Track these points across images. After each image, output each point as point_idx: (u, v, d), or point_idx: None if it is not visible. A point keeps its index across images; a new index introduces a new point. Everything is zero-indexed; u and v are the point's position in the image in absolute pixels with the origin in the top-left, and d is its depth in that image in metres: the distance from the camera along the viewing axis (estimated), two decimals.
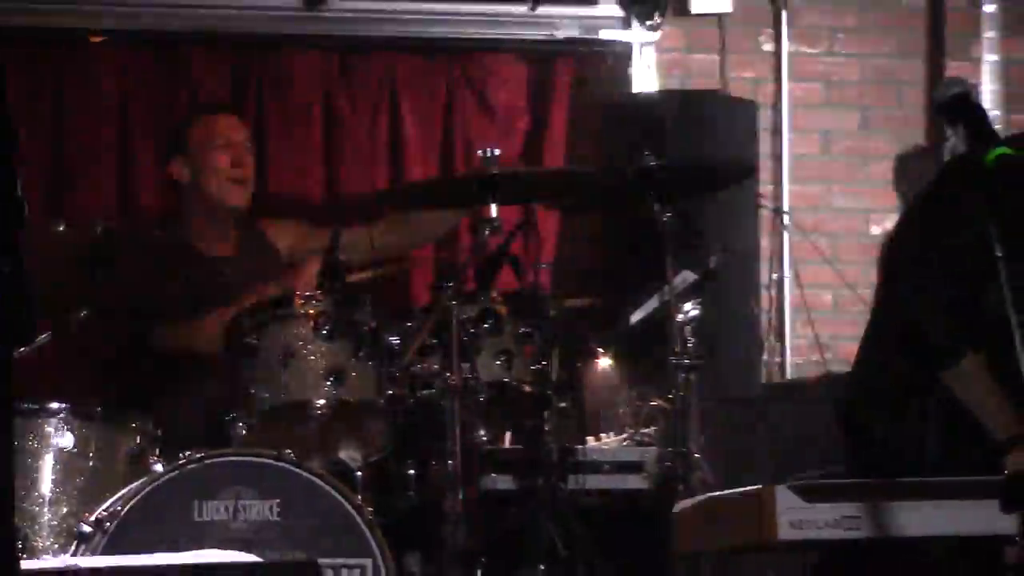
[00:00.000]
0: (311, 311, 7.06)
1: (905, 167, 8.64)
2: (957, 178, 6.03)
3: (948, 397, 5.99)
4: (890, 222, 8.55)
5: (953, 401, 5.94)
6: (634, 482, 7.78)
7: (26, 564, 5.84)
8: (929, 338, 6.07)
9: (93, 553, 6.35)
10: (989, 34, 9.10)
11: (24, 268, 3.51)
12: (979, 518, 5.16)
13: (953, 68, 8.32)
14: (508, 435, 7.55)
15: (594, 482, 7.68)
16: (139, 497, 6.47)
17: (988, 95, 8.15)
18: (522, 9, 9.03)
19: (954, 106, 5.24)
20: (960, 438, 5.99)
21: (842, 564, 5.85)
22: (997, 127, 5.92)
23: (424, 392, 7.18)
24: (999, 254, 4.97)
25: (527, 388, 7.29)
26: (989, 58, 8.93)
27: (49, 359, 7.28)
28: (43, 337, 7.01)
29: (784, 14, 9.32)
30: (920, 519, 5.53)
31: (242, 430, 7.01)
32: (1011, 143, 5.20)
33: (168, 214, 7.88)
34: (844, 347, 8.48)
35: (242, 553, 5.74)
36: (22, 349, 4.01)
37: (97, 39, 8.64)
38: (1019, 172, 5.36)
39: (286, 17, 8.86)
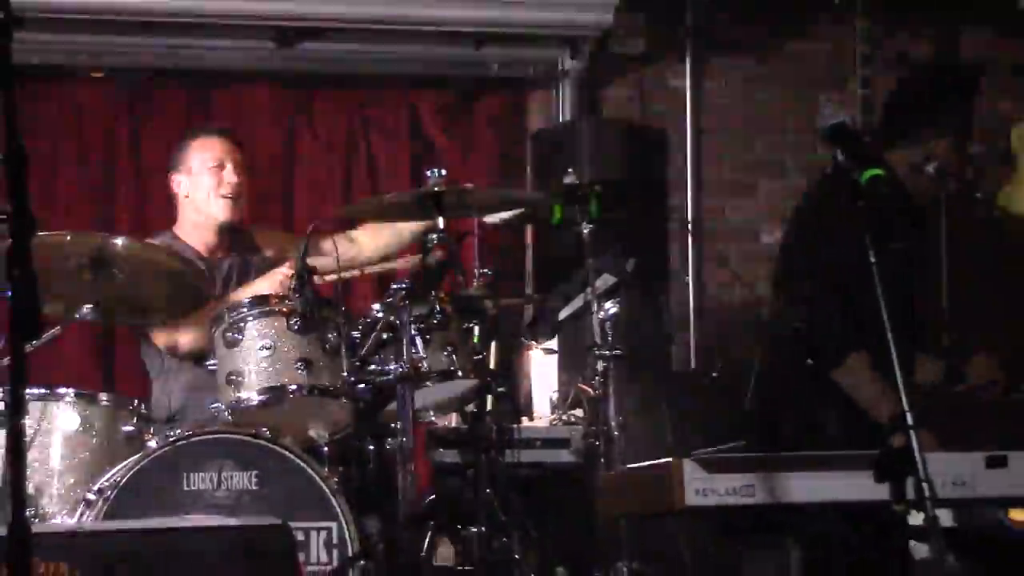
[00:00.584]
0: (285, 309, 7.09)
1: (790, 185, 8.71)
2: (836, 195, 6.12)
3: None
4: (778, 232, 8.59)
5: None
6: (562, 456, 7.86)
7: (37, 527, 5.88)
8: (818, 342, 6.17)
9: (95, 518, 6.37)
10: (863, 72, 9.21)
11: (35, 276, 3.55)
12: (857, 487, 5.23)
13: (832, 100, 8.40)
14: (453, 416, 7.58)
15: (528, 456, 7.74)
16: (135, 470, 6.48)
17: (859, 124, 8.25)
18: (468, 51, 9.09)
19: (835, 133, 5.33)
20: (854, 421, 6.09)
21: (740, 526, 5.92)
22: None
23: (381, 379, 7.22)
24: (873, 260, 5.07)
25: (469, 375, 7.36)
26: (861, 92, 9.03)
27: (58, 351, 7.28)
28: (52, 332, 7.07)
29: (688, 58, 9.41)
30: (806, 487, 5.61)
31: (225, 411, 7.08)
32: (882, 165, 5.31)
33: (171, 222, 7.87)
34: (742, 338, 8.54)
35: (224, 517, 5.78)
36: (33, 343, 4.05)
37: (99, 75, 8.65)
38: (889, 190, 5.46)
39: (261, 56, 8.89)
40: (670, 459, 5.74)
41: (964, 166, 6.56)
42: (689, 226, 9.36)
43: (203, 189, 7.77)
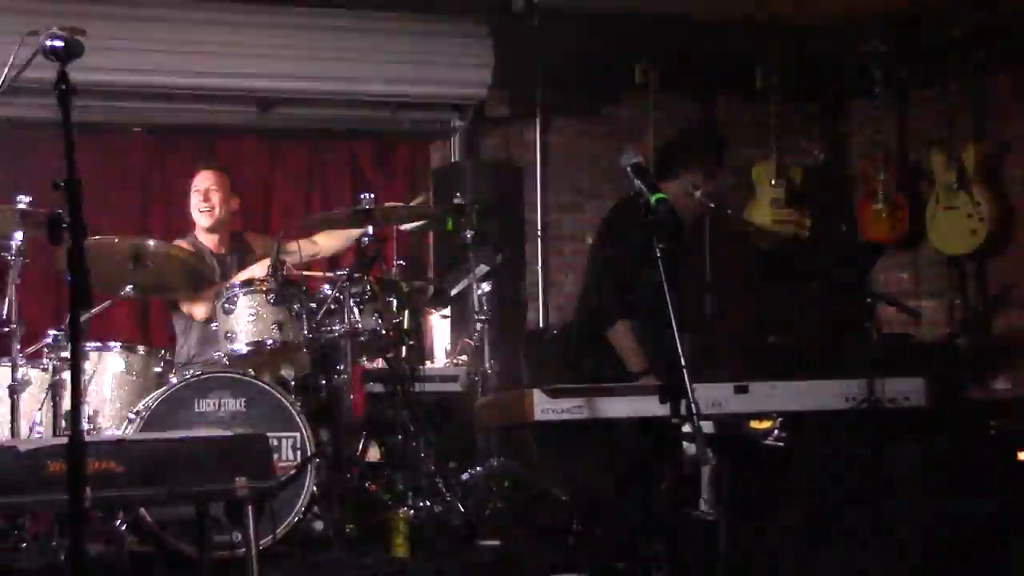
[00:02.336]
0: (265, 288, 7.06)
1: (605, 205, 8.68)
2: (630, 212, 6.12)
3: None
4: None
5: None
6: (453, 387, 7.83)
7: (94, 437, 5.82)
8: (599, 309, 6.17)
9: (135, 431, 6.31)
10: (654, 127, 9.23)
11: (87, 266, 3.59)
12: (648, 407, 5.23)
13: (632, 147, 8.42)
14: (379, 360, 7.54)
15: (429, 387, 7.70)
16: (162, 398, 6.44)
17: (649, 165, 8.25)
18: (390, 114, 9.10)
19: (633, 169, 5.33)
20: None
21: (574, 434, 5.91)
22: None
23: (330, 335, 7.19)
24: (659, 255, 5.07)
25: (390, 333, 7.31)
26: (653, 142, 9.04)
27: (107, 317, 7.21)
28: (103, 305, 7.01)
29: (538, 120, 9.40)
30: (615, 407, 5.63)
31: (223, 358, 7.04)
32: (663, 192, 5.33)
33: (191, 228, 7.83)
34: (571, 308, 8.52)
35: (222, 430, 5.74)
36: (87, 313, 4.02)
37: (137, 129, 8.58)
38: (671, 212, 5.45)
39: (248, 117, 8.84)
40: (524, 389, 5.76)
41: (720, 193, 6.57)
42: (539, 232, 9.35)
43: (194, 206, 7.79)
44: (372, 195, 7.30)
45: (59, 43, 3.76)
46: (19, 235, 6.52)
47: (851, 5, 9.08)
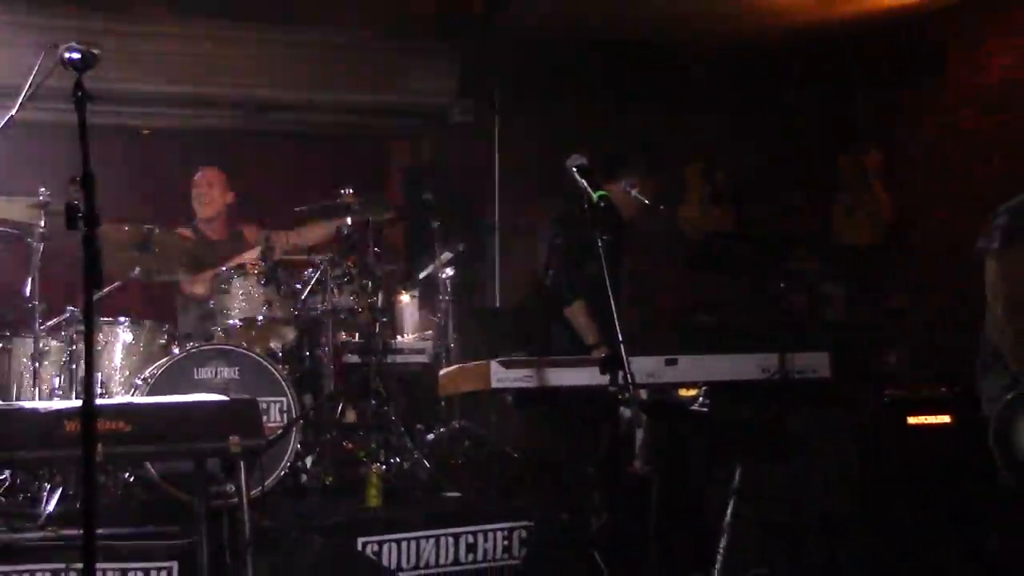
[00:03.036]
0: (256, 271, 7.07)
1: (536, 200, 8.70)
2: (580, 206, 6.13)
3: None
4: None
5: None
6: (420, 359, 7.83)
7: (106, 401, 5.81)
8: (557, 290, 6.18)
9: (141, 395, 6.31)
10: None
11: (100, 250, 3.59)
12: (590, 376, 5.24)
13: (579, 152, 8.40)
14: (356, 335, 7.53)
15: (400, 359, 7.73)
16: (165, 366, 6.44)
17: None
18: (369, 120, 9.13)
19: (579, 169, 5.35)
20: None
21: (525, 400, 5.93)
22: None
23: (313, 312, 7.18)
24: (600, 245, 5.08)
25: (366, 311, 7.30)
26: (596, 148, 9.06)
27: (117, 295, 7.19)
28: (113, 285, 6.99)
29: (496, 125, 9.40)
30: (561, 376, 5.65)
31: (219, 332, 7.03)
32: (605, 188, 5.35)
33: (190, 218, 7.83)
34: (525, 289, 8.52)
35: (218, 396, 5.72)
36: (101, 292, 4.01)
37: (147, 132, 8.55)
38: (611, 207, 5.47)
39: (244, 120, 8.81)
40: (483, 360, 5.76)
41: (656, 193, 6.59)
42: (496, 225, 9.35)
43: (195, 199, 7.87)
44: (351, 190, 7.31)
45: (76, 55, 3.77)
46: (41, 223, 6.56)
47: (779, 35, 9.13)
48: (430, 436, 7.39)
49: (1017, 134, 5.92)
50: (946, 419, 6.98)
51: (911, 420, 7.12)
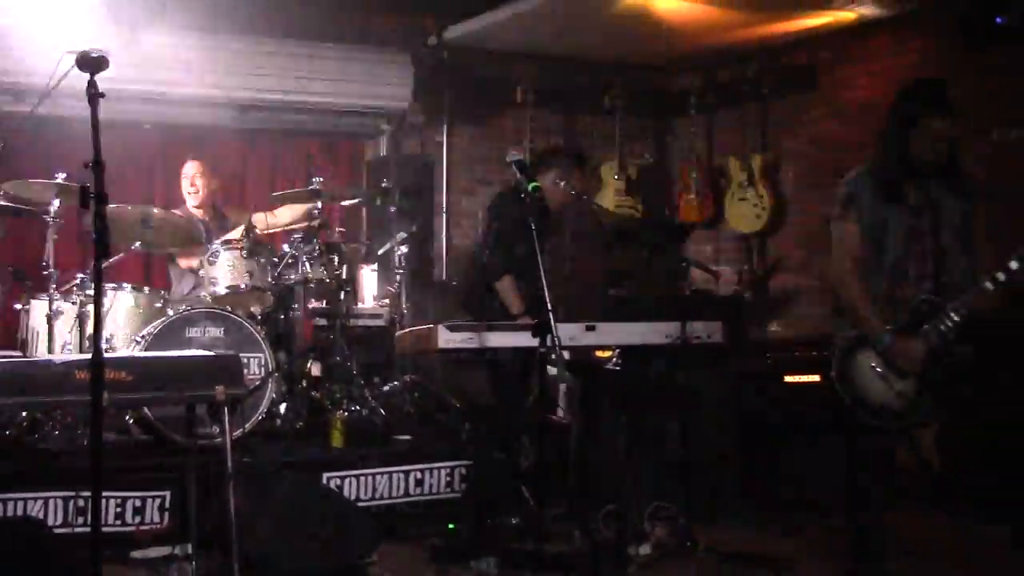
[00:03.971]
0: (240, 247, 6.99)
1: (493, 191, 8.64)
2: (513, 195, 6.12)
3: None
4: None
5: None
6: (378, 322, 7.77)
7: (110, 355, 5.74)
8: (490, 266, 6.16)
9: (140, 351, 6.25)
10: (530, 134, 9.22)
11: (107, 226, 3.57)
12: (523, 339, 5.21)
13: (515, 148, 8.37)
14: (324, 301, 7.48)
15: (360, 322, 7.67)
16: (161, 326, 6.39)
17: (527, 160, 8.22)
18: (336, 119, 9.02)
19: (515, 163, 5.32)
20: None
21: (470, 359, 5.91)
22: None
23: (287, 282, 7.12)
24: (532, 228, 5.07)
25: (332, 282, 7.25)
26: (528, 144, 9.05)
27: (121, 264, 7.11)
28: (118, 256, 6.90)
29: (445, 126, 9.35)
30: (498, 339, 5.64)
31: (207, 297, 6.95)
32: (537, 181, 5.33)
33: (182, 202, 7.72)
34: (467, 265, 8.49)
35: (205, 352, 5.67)
36: (108, 262, 3.94)
37: (147, 126, 8.43)
38: (542, 197, 5.46)
39: (230, 117, 8.71)
40: (431, 324, 5.74)
41: (579, 182, 6.57)
42: (444, 210, 9.32)
43: (184, 189, 7.75)
44: (321, 179, 7.26)
45: (90, 59, 3.71)
46: (57, 202, 6.51)
47: (673, 51, 9.16)
48: (385, 388, 7.36)
49: (874, 143, 6.04)
50: (816, 378, 7.04)
51: (788, 378, 7.19)
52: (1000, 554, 4.67)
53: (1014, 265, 4.46)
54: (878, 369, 4.72)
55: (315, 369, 7.27)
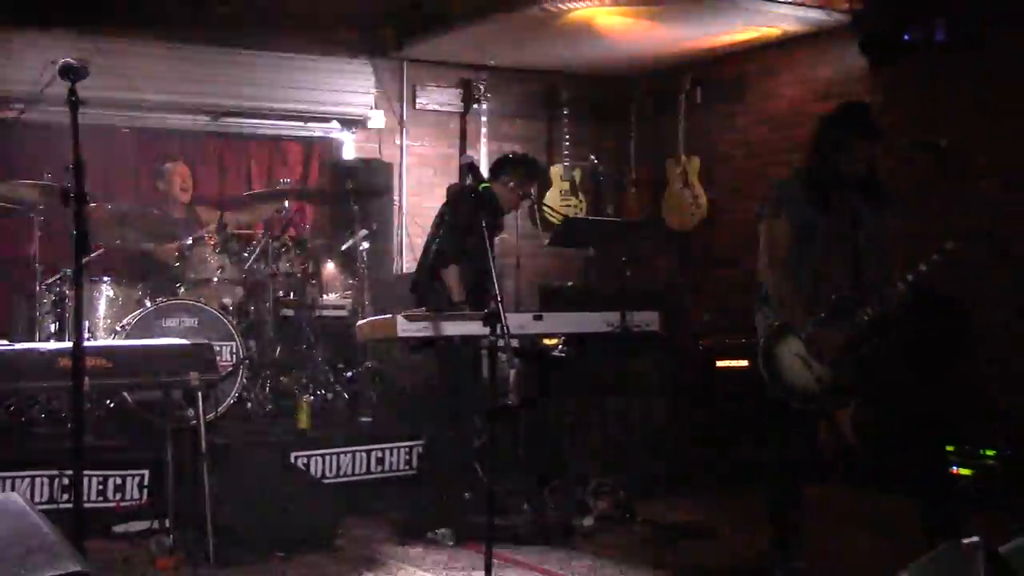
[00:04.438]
0: (212, 242, 6.96)
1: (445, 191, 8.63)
2: (465, 195, 6.12)
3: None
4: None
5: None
6: (341, 313, 7.69)
7: (91, 343, 5.70)
8: (439, 255, 6.14)
9: (120, 339, 6.21)
10: (484, 138, 9.23)
11: (88, 224, 3.58)
12: (474, 328, 5.21)
13: (468, 151, 8.36)
14: (291, 293, 7.44)
15: (325, 312, 7.61)
16: (139, 317, 6.35)
17: (484, 166, 8.20)
18: (303, 124, 8.96)
19: (468, 166, 5.31)
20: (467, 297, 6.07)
21: (426, 346, 5.91)
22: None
23: (257, 275, 7.10)
24: (483, 225, 5.05)
25: (299, 275, 7.24)
26: (484, 148, 9.06)
27: (101, 259, 7.04)
28: (98, 252, 6.85)
29: (403, 131, 9.31)
30: (452, 327, 5.64)
31: (182, 289, 6.90)
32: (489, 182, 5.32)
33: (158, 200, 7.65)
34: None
35: (180, 340, 5.64)
36: (89, 257, 3.93)
37: (127, 130, 8.35)
38: (492, 196, 5.46)
39: (205, 122, 8.63)
40: (391, 314, 5.74)
41: (531, 188, 6.58)
42: (404, 207, 9.29)
43: (173, 188, 7.61)
44: (289, 180, 7.25)
45: (71, 68, 3.69)
46: (41, 202, 6.51)
47: (616, 63, 9.20)
48: (348, 374, 7.35)
49: (799, 147, 6.09)
50: (744, 363, 7.12)
51: (719, 363, 7.25)
52: (906, 523, 4.77)
53: (923, 268, 4.55)
54: (800, 355, 4.77)
55: (283, 356, 7.24)
